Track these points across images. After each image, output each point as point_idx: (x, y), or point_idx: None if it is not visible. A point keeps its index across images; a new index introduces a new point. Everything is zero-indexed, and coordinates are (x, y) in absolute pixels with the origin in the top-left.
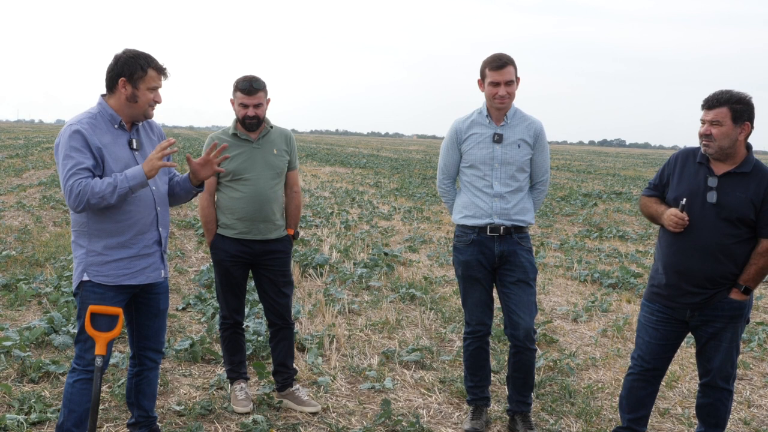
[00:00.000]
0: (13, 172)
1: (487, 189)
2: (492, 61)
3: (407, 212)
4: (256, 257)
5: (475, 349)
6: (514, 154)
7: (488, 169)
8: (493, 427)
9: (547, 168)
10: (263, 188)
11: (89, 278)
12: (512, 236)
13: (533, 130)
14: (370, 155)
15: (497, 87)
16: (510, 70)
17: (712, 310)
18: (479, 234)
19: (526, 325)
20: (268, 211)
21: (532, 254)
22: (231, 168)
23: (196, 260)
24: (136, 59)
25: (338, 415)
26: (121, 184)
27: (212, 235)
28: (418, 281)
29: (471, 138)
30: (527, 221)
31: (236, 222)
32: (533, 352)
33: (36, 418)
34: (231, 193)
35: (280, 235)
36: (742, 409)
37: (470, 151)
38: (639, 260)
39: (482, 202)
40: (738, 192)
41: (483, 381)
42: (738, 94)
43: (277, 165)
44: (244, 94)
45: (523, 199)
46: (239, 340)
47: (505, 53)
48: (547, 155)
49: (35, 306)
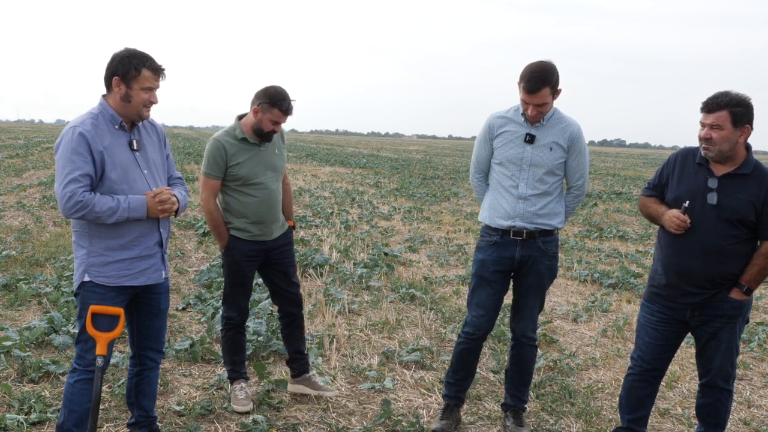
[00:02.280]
0: (13, 172)
1: (512, 189)
2: (527, 80)
3: (407, 212)
4: (268, 253)
5: (465, 350)
6: (545, 157)
7: (516, 169)
8: (492, 427)
9: (584, 172)
10: (273, 190)
11: (90, 279)
12: (536, 241)
13: (569, 133)
14: (370, 155)
15: (527, 106)
16: (543, 94)
17: (712, 310)
18: (502, 236)
19: (525, 327)
20: (276, 211)
21: (556, 259)
22: (242, 173)
23: (196, 260)
24: (130, 59)
25: (338, 415)
26: (121, 213)
27: (225, 239)
28: (418, 281)
29: (503, 135)
30: (554, 225)
31: (250, 225)
32: (532, 348)
33: (36, 418)
34: (242, 198)
35: (285, 228)
36: (742, 409)
37: (501, 148)
38: (639, 260)
39: (506, 202)
40: (738, 193)
41: (463, 382)
42: (737, 97)
43: (279, 165)
44: (282, 113)
45: (552, 202)
46: (241, 340)
47: (545, 68)
48: (584, 159)
49: (35, 306)
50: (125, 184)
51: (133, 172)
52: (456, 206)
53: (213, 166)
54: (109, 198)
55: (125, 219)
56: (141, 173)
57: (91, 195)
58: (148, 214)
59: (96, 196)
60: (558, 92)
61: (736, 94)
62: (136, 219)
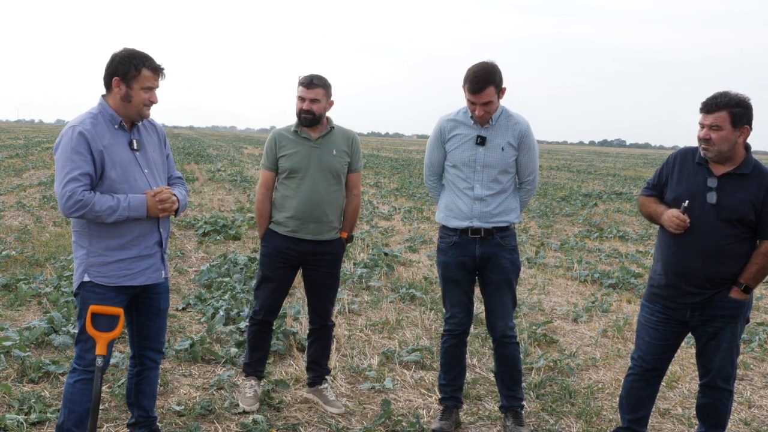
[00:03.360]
0: (13, 172)
1: (468, 191)
2: (471, 81)
3: (407, 212)
4: (304, 256)
5: (450, 346)
6: (498, 157)
7: (470, 171)
8: (492, 427)
9: (534, 168)
10: (317, 188)
11: (90, 279)
12: (494, 237)
13: (518, 131)
14: (370, 155)
15: (474, 106)
16: (488, 93)
17: (712, 309)
18: (461, 236)
19: (502, 325)
20: (320, 212)
21: (515, 253)
22: (287, 166)
23: (196, 260)
24: (130, 58)
25: (338, 415)
26: (121, 212)
27: (263, 229)
28: (418, 281)
29: (455, 138)
30: (510, 221)
31: (287, 219)
32: (515, 345)
33: (36, 418)
34: (285, 190)
35: (333, 237)
36: (743, 409)
37: (453, 151)
38: (639, 260)
39: (463, 204)
40: (738, 193)
41: (456, 380)
42: (736, 97)
43: (335, 166)
44: (304, 87)
45: (507, 199)
46: (265, 338)
47: (487, 67)
48: (533, 155)
49: (35, 306)
50: (125, 184)
51: (133, 171)
52: None
53: (265, 156)
54: (109, 197)
55: (125, 218)
56: (141, 173)
57: (90, 194)
58: (148, 213)
59: (96, 195)
60: (503, 91)
61: (735, 94)
62: (135, 218)
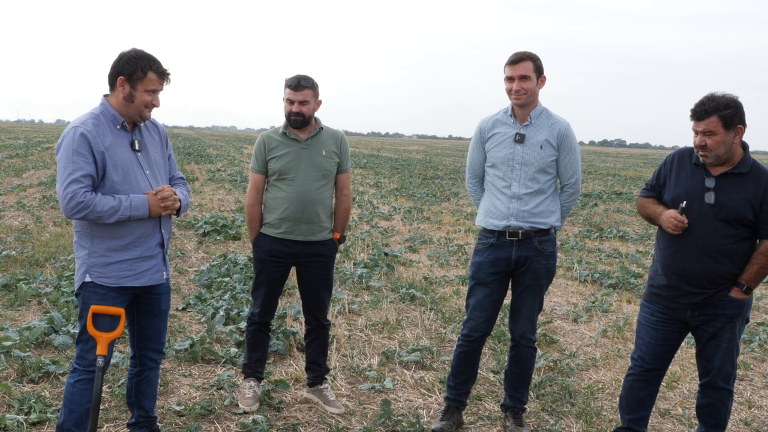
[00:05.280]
0: (13, 172)
1: (505, 189)
2: (511, 57)
3: (407, 212)
4: (297, 258)
5: (463, 352)
6: (536, 155)
7: (508, 169)
8: (492, 427)
9: (576, 170)
10: (307, 189)
11: (92, 279)
12: (532, 240)
13: (558, 130)
14: (370, 155)
15: (512, 82)
16: (525, 66)
17: (712, 309)
18: (498, 238)
19: (524, 328)
20: (312, 212)
21: (553, 259)
22: (277, 167)
23: (196, 260)
24: (137, 60)
25: (338, 415)
26: (123, 212)
27: (255, 233)
28: (418, 281)
29: (494, 137)
30: (550, 224)
31: (279, 221)
32: (531, 350)
33: (36, 418)
34: (275, 192)
35: (325, 237)
36: (743, 409)
37: (492, 150)
38: (639, 260)
39: (500, 203)
40: (736, 193)
41: (464, 385)
42: (724, 99)
43: (325, 167)
44: (291, 90)
45: (546, 201)
46: (263, 339)
47: (529, 51)
48: (575, 156)
49: (35, 306)
50: (127, 185)
51: (135, 172)
52: (456, 206)
53: (254, 159)
54: (111, 197)
55: (127, 218)
56: (143, 173)
57: (92, 195)
58: (150, 212)
59: (97, 196)
60: (543, 79)
61: (722, 96)
62: (138, 218)
